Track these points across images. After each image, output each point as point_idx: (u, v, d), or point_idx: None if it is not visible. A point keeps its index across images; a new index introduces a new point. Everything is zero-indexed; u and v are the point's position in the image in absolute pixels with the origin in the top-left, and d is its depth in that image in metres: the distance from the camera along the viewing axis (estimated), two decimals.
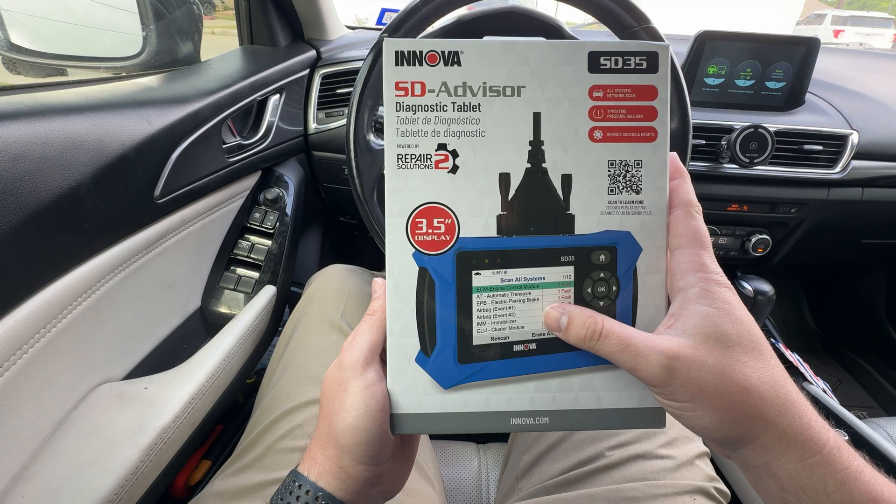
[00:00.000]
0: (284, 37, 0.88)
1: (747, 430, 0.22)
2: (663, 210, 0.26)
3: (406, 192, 0.26)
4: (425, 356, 0.27)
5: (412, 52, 0.26)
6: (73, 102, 0.45)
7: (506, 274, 0.27)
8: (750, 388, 0.22)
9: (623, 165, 0.26)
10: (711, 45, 0.80)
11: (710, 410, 0.22)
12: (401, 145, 0.26)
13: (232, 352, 0.59)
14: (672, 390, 0.22)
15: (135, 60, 0.70)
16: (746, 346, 0.22)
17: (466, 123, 0.26)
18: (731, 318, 0.22)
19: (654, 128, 0.26)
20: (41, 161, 0.38)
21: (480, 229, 0.26)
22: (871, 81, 0.92)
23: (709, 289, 0.23)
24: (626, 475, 0.38)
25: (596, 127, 0.26)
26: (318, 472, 0.26)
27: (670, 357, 0.22)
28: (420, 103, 0.26)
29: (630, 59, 0.26)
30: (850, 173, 0.80)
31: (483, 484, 0.53)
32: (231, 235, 0.70)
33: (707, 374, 0.22)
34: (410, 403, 0.27)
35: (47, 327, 0.41)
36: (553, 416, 0.27)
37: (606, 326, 0.24)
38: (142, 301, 0.54)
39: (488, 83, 0.26)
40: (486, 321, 0.27)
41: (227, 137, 0.67)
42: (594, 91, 0.26)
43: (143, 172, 0.50)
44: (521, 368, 0.27)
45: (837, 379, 1.15)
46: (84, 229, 0.43)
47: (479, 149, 0.26)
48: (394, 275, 0.26)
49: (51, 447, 0.43)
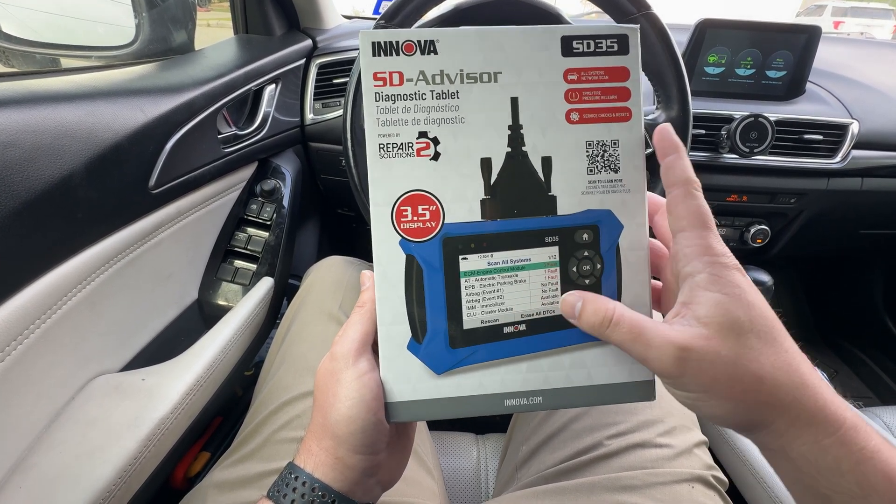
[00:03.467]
0: (280, 26, 0.87)
1: (761, 417, 0.22)
2: (642, 187, 0.27)
3: (389, 180, 0.26)
4: (417, 343, 0.27)
5: (388, 42, 0.26)
6: (65, 90, 0.44)
7: (492, 257, 0.27)
8: (763, 376, 0.21)
9: (600, 145, 0.27)
10: (712, 33, 0.79)
11: (723, 400, 0.22)
12: (382, 134, 0.26)
13: (230, 343, 0.59)
14: (684, 382, 0.22)
15: (128, 49, 0.69)
16: (759, 331, 0.22)
17: (446, 111, 0.26)
18: (743, 303, 0.22)
19: (629, 108, 0.27)
20: (32, 149, 0.38)
21: (465, 214, 0.27)
22: (871, 71, 0.91)
23: (718, 273, 0.22)
24: (625, 464, 0.38)
25: (572, 109, 0.27)
26: (315, 463, 0.26)
27: (682, 349, 0.21)
28: (399, 92, 0.26)
29: (602, 42, 0.27)
30: (850, 163, 0.79)
31: (482, 474, 0.53)
32: (228, 227, 0.70)
33: (720, 364, 0.21)
34: (404, 391, 0.27)
35: (42, 318, 0.40)
36: (546, 395, 0.27)
37: (618, 314, 0.24)
38: (138, 292, 0.53)
39: (465, 70, 0.26)
40: (476, 305, 0.27)
41: (222, 128, 0.67)
42: (569, 74, 0.27)
43: (137, 162, 0.49)
44: (512, 350, 0.27)
45: (835, 369, 1.15)
46: (77, 219, 0.42)
47: (460, 135, 0.26)
48: (381, 263, 0.27)
49: (48, 438, 0.43)
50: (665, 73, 0.52)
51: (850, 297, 1.22)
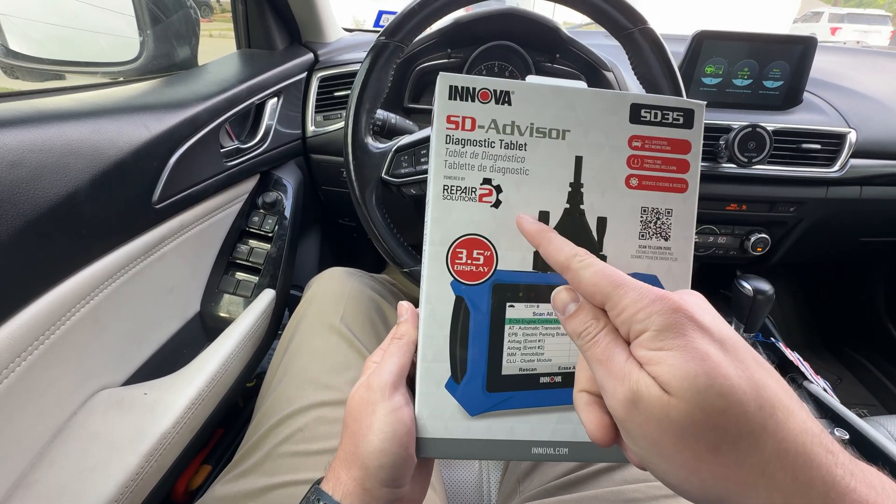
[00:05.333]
0: (282, 40, 0.88)
1: (721, 494, 0.19)
2: (689, 257, 0.28)
3: (449, 222, 0.27)
4: (455, 383, 0.27)
5: (466, 88, 0.27)
6: (70, 108, 0.45)
7: (538, 308, 0.27)
8: (720, 446, 0.18)
9: (654, 213, 0.28)
10: (709, 44, 0.80)
11: (673, 466, 0.19)
12: (448, 176, 0.27)
13: (232, 356, 0.59)
14: (631, 429, 0.20)
15: (132, 65, 0.70)
16: (720, 393, 0.18)
17: (512, 161, 0.27)
18: (701, 367, 0.19)
19: (686, 179, 0.28)
20: (38, 168, 0.38)
21: (518, 263, 0.27)
22: (868, 79, 0.92)
23: (671, 331, 0.20)
24: (628, 477, 0.38)
25: (632, 175, 0.27)
26: (343, 492, 0.26)
27: (633, 393, 0.19)
28: (469, 138, 0.27)
29: (668, 114, 0.28)
30: (849, 172, 0.80)
31: (484, 486, 0.53)
32: (230, 239, 0.70)
33: (667, 423, 0.19)
34: (437, 428, 0.27)
35: (46, 334, 0.40)
36: (572, 448, 0.28)
37: (602, 334, 0.22)
38: (141, 306, 0.54)
39: (536, 124, 0.27)
40: (517, 352, 0.27)
41: (225, 141, 0.67)
42: (633, 140, 0.27)
43: (140, 178, 0.49)
44: (545, 400, 0.28)
45: (838, 377, 1.15)
46: (82, 235, 0.43)
47: (523, 186, 0.27)
48: (430, 302, 0.27)
49: (50, 454, 0.43)
50: (662, 85, 0.53)
51: (852, 303, 1.22)
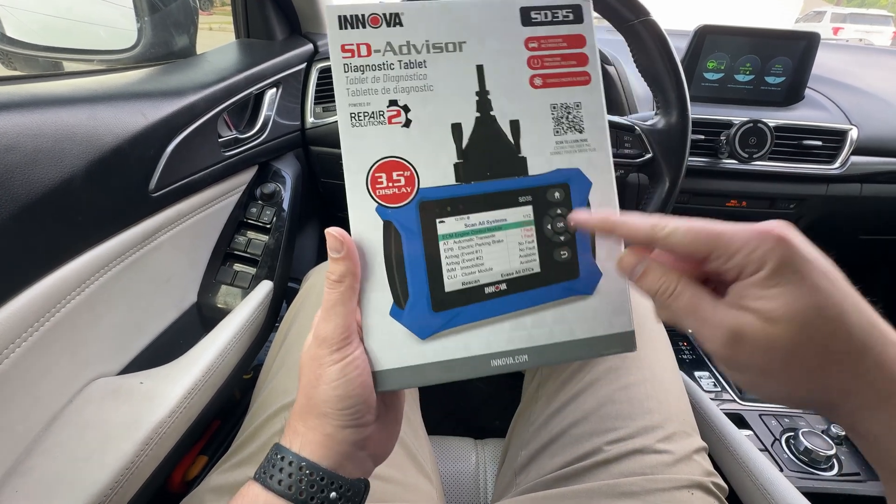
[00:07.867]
0: (281, 30, 0.87)
1: (824, 398, 0.21)
2: (606, 146, 0.28)
3: (362, 148, 0.27)
4: (399, 309, 0.27)
5: (354, 16, 0.27)
6: (66, 94, 0.44)
7: (469, 219, 0.28)
8: (824, 363, 0.21)
9: (564, 108, 0.28)
10: (711, 39, 0.79)
11: (780, 385, 0.22)
12: (353, 104, 0.27)
13: (228, 347, 0.59)
14: (737, 363, 0.22)
15: (129, 53, 0.69)
16: (826, 316, 0.21)
17: (414, 79, 0.27)
18: (805, 291, 0.21)
19: (588, 72, 0.29)
20: (33, 153, 0.38)
21: (439, 178, 0.27)
22: (870, 77, 0.92)
23: (775, 263, 0.22)
24: (625, 470, 0.38)
25: (535, 75, 0.28)
26: (301, 442, 0.26)
27: (735, 333, 0.21)
28: (367, 63, 0.27)
29: (558, 12, 0.28)
30: (850, 169, 0.79)
31: (481, 479, 0.53)
32: (227, 230, 0.70)
33: (776, 352, 0.21)
34: (390, 358, 0.27)
35: (40, 321, 0.40)
36: (531, 353, 0.28)
37: (681, 285, 0.24)
38: (137, 296, 0.53)
39: (431, 41, 0.27)
40: (456, 267, 0.27)
41: (223, 131, 0.67)
42: (529, 42, 0.28)
43: (137, 165, 0.49)
44: (494, 309, 0.28)
45: None
46: (77, 222, 0.42)
47: (430, 102, 0.27)
48: (359, 231, 0.27)
49: (46, 442, 0.42)
50: (664, 78, 0.52)
51: None
